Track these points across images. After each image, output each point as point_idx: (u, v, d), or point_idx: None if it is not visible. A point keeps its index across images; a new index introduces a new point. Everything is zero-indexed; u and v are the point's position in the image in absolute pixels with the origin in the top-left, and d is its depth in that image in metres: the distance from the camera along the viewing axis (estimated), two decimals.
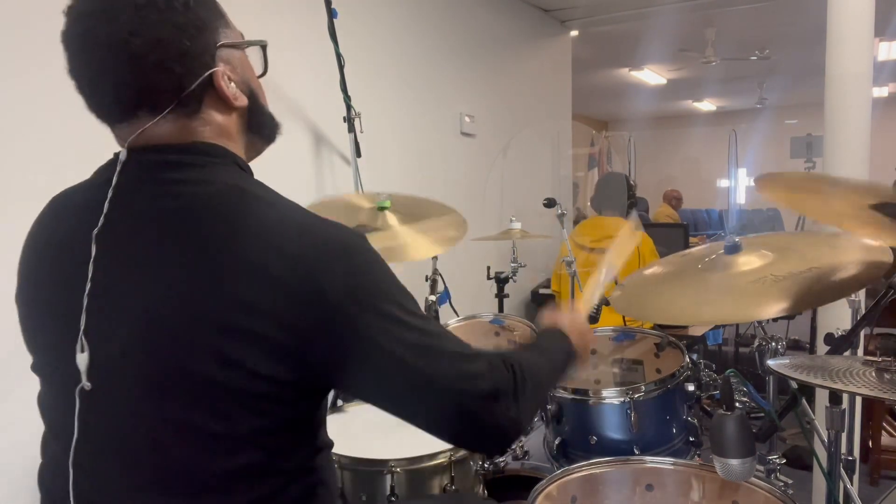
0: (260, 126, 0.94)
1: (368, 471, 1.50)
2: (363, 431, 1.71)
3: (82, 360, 0.78)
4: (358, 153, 2.72)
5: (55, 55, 0.83)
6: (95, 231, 0.80)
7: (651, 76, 8.06)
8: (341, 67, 2.61)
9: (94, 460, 0.80)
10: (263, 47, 0.94)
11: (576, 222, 4.80)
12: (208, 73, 0.82)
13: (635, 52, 6.60)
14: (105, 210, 0.81)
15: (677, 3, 4.55)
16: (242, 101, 0.88)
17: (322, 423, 0.90)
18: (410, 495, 1.51)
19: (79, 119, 0.87)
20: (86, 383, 0.78)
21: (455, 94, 3.67)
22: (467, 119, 3.72)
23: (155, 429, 0.78)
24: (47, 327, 0.85)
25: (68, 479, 0.80)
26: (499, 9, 4.11)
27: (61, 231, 0.87)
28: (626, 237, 1.38)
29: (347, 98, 2.64)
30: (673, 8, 4.62)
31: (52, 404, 0.86)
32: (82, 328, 0.79)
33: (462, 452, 1.55)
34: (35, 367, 0.89)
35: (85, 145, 0.98)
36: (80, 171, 0.93)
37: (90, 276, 0.79)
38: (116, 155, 0.84)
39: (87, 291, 0.79)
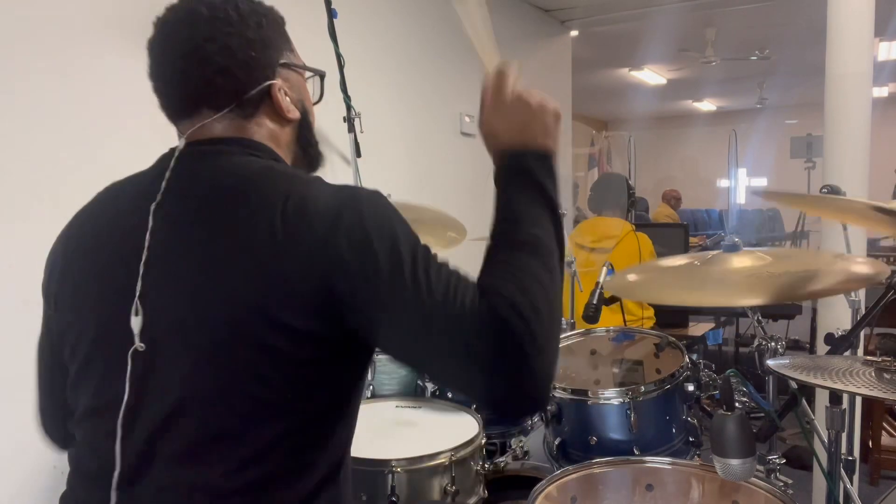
0: (307, 143, 1.04)
1: (369, 471, 1.50)
2: (363, 431, 1.70)
3: (136, 322, 0.82)
4: (358, 153, 2.71)
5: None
6: (153, 205, 0.86)
7: (651, 76, 8.07)
8: (341, 67, 2.60)
9: (142, 424, 0.82)
10: (321, 77, 1.08)
11: (576, 223, 4.80)
12: (267, 84, 0.93)
13: (635, 52, 6.60)
14: (162, 188, 0.87)
15: (677, 3, 4.55)
16: (295, 114, 0.98)
17: (355, 414, 0.94)
18: (411, 495, 1.51)
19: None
20: (139, 345, 0.81)
21: (455, 94, 3.67)
22: (467, 119, 3.72)
23: (203, 393, 0.81)
24: (100, 298, 0.88)
25: (108, 450, 0.81)
26: (499, 9, 4.11)
27: (118, 209, 0.92)
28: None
29: (347, 98, 2.64)
30: (673, 8, 4.62)
31: (97, 378, 0.87)
32: (138, 293, 0.83)
33: (463, 452, 1.55)
34: (72, 350, 0.90)
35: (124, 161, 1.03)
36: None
37: (147, 245, 0.84)
38: (173, 149, 0.92)
39: (143, 260, 0.84)
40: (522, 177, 0.91)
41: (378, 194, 0.87)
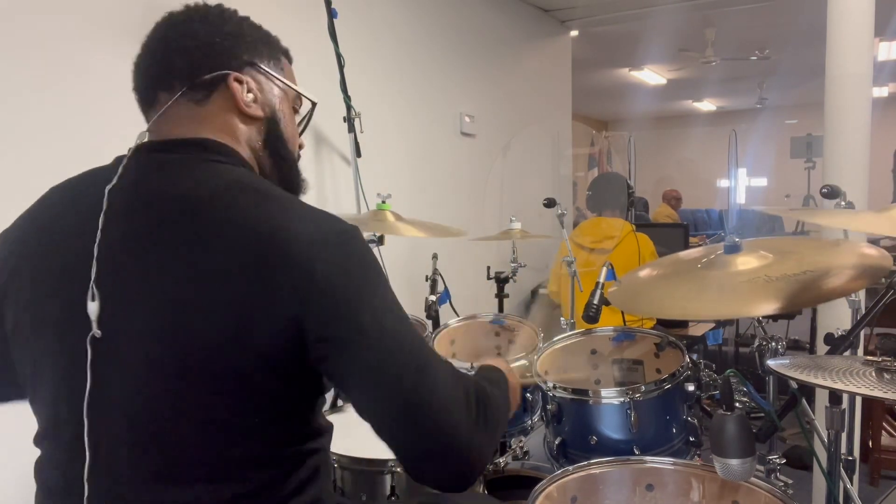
0: (278, 156, 0.98)
1: (368, 471, 1.50)
2: (363, 431, 1.70)
3: (93, 308, 0.80)
4: (358, 153, 2.72)
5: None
6: (109, 187, 0.84)
7: (651, 76, 8.06)
8: (341, 67, 2.61)
9: (107, 413, 0.80)
10: (313, 107, 1.06)
11: (575, 223, 4.79)
12: (225, 71, 0.91)
13: (635, 52, 6.60)
14: (119, 172, 0.85)
15: (677, 3, 4.55)
16: (256, 111, 0.94)
17: (321, 407, 0.93)
18: (411, 495, 1.51)
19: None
20: (96, 331, 0.79)
21: (455, 94, 3.67)
22: (467, 119, 3.72)
23: (165, 414, 0.80)
24: (56, 287, 0.85)
25: (76, 469, 0.80)
26: (499, 8, 4.11)
27: (75, 202, 0.90)
28: None
29: (347, 98, 2.65)
30: (673, 8, 4.62)
31: (58, 374, 0.85)
32: (93, 277, 0.81)
33: None
34: (29, 352, 0.87)
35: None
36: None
37: (100, 227, 0.82)
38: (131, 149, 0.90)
39: (97, 242, 0.82)
40: (503, 386, 1.04)
41: (359, 234, 0.85)
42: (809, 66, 6.07)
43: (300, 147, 1.05)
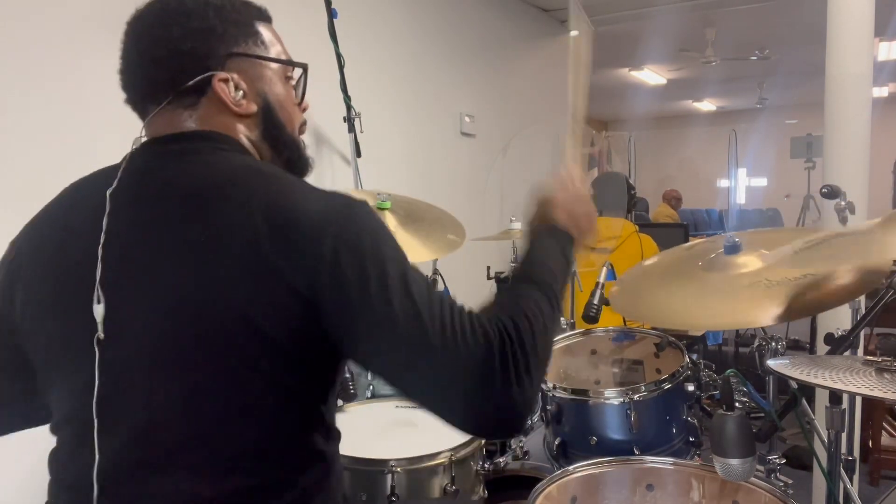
0: (277, 142, 0.96)
1: (368, 471, 1.50)
2: (363, 431, 1.71)
3: (99, 311, 0.80)
4: (358, 153, 2.72)
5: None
6: (109, 190, 0.84)
7: (651, 76, 8.06)
8: (341, 67, 2.61)
9: (118, 430, 0.80)
10: (304, 70, 1.00)
11: None
12: (207, 75, 0.88)
13: (635, 52, 6.60)
14: (119, 175, 0.85)
15: (677, 3, 4.55)
16: (247, 107, 0.92)
17: (333, 410, 0.91)
18: (411, 495, 1.51)
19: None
20: (100, 333, 0.79)
21: (455, 94, 3.67)
22: (467, 119, 3.72)
23: (178, 400, 0.79)
24: (63, 289, 0.86)
25: (85, 458, 0.80)
26: (499, 8, 4.11)
27: (83, 204, 0.90)
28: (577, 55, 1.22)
29: (347, 98, 2.64)
30: (673, 8, 4.62)
31: (66, 384, 0.85)
32: (98, 279, 0.81)
33: (463, 452, 1.55)
34: (42, 352, 0.88)
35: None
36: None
37: (104, 228, 0.82)
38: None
39: (101, 243, 0.82)
40: (557, 248, 0.98)
41: (367, 206, 0.85)
42: (809, 66, 6.06)
43: (303, 122, 1.02)
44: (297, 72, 1.00)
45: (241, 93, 0.91)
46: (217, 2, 0.90)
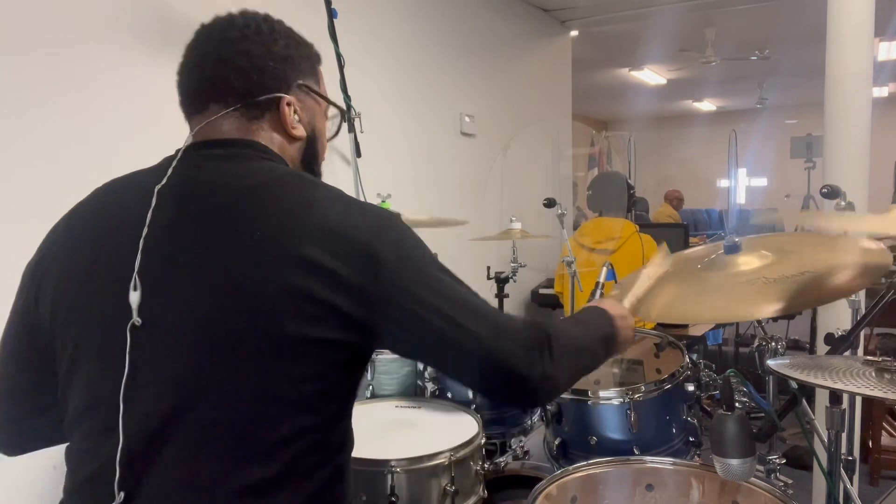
0: (310, 168, 1.06)
1: (368, 471, 1.50)
2: (363, 431, 1.71)
3: (135, 297, 0.83)
4: (358, 153, 2.72)
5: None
6: (158, 186, 0.88)
7: (651, 76, 8.07)
8: (341, 67, 2.61)
9: (144, 420, 0.82)
10: (342, 114, 1.16)
11: (576, 225, 4.79)
12: (277, 94, 0.97)
13: (635, 52, 6.60)
14: (168, 174, 0.90)
15: (677, 3, 4.55)
16: (300, 132, 1.01)
17: (350, 417, 0.95)
18: (411, 495, 1.51)
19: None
20: (136, 319, 0.82)
21: (455, 94, 3.67)
22: (467, 119, 3.72)
23: (212, 388, 0.82)
24: (100, 280, 0.88)
25: (109, 449, 0.81)
26: (499, 8, 4.11)
27: (121, 200, 0.94)
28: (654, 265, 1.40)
29: (347, 98, 2.64)
30: (673, 8, 4.62)
31: (94, 372, 0.87)
32: (137, 268, 0.84)
33: (463, 452, 1.55)
34: (70, 345, 0.89)
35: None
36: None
37: (148, 221, 0.86)
38: (179, 149, 0.95)
39: (143, 236, 0.85)
40: (604, 324, 1.07)
41: (400, 218, 0.94)
42: (809, 66, 6.07)
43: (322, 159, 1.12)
44: (333, 110, 1.12)
45: (297, 118, 1.00)
46: (297, 37, 1.03)
